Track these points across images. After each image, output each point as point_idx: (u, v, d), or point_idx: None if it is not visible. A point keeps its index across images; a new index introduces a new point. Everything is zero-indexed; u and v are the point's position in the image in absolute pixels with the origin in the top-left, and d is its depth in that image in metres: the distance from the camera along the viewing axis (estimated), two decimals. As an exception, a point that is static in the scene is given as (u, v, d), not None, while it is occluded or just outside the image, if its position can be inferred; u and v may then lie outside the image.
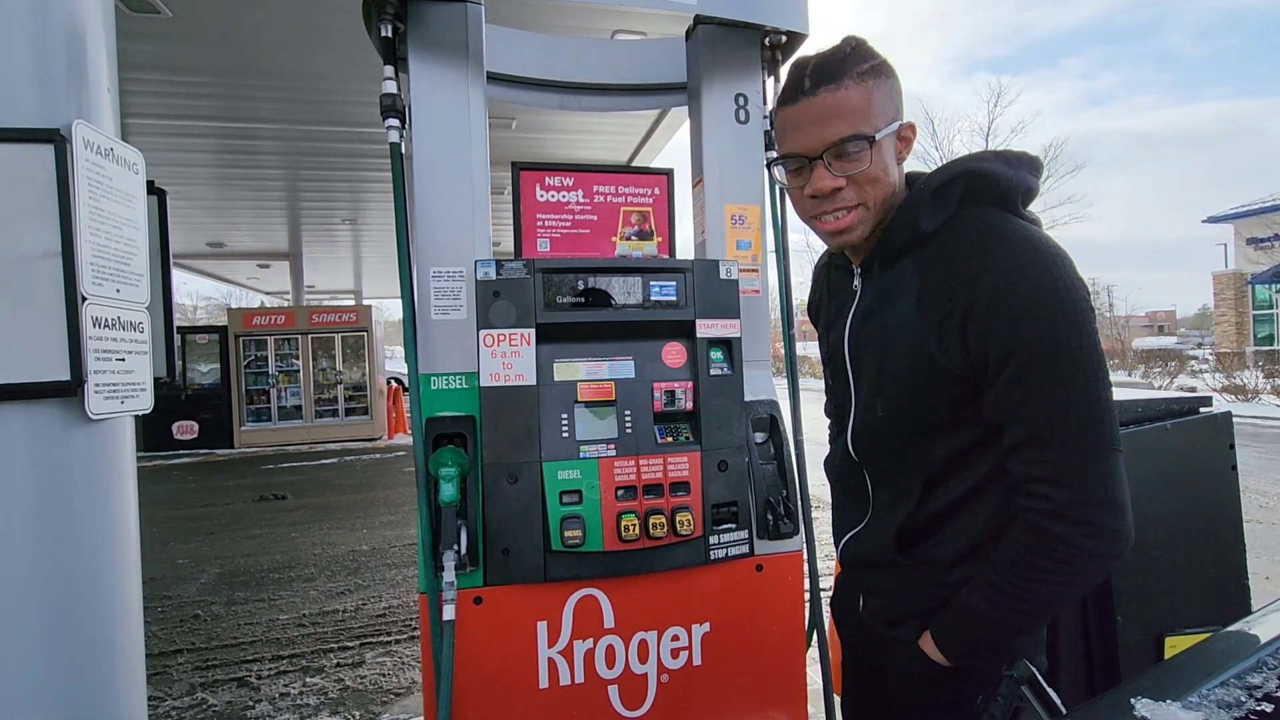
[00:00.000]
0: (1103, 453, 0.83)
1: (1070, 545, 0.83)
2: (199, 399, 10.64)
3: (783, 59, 1.82)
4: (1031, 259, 0.83)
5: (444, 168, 1.59)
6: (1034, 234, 0.87)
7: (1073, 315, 0.81)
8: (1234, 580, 1.73)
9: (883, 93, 0.90)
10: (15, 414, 1.02)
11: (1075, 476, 0.83)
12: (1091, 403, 0.82)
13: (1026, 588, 0.86)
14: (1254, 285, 19.41)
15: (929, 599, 0.98)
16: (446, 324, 1.59)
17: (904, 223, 0.92)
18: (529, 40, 1.92)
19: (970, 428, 0.91)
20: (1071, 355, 0.81)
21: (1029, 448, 0.85)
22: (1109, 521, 0.83)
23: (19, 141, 1.02)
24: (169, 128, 5.75)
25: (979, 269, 0.84)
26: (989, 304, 0.82)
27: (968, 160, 0.91)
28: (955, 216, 0.90)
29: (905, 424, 0.95)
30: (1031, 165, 0.93)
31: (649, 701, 1.58)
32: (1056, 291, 0.82)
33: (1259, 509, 5.25)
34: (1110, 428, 0.84)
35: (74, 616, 1.08)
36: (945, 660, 0.96)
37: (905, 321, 0.91)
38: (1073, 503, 0.83)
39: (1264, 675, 0.65)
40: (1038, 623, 0.92)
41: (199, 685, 2.87)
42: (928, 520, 0.97)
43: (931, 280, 0.89)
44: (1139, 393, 2.11)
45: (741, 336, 1.65)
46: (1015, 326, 0.81)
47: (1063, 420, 0.82)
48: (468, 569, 1.44)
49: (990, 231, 0.87)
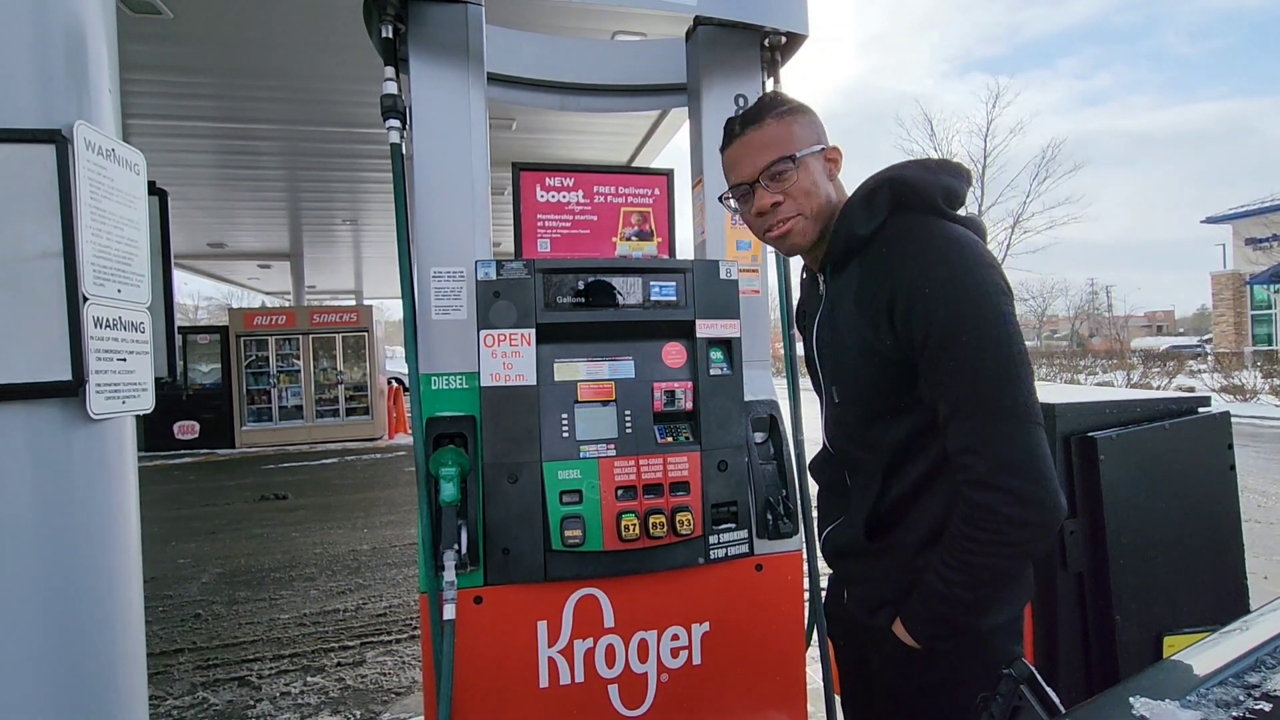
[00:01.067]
0: (1017, 422, 0.88)
1: (993, 513, 0.88)
2: (200, 399, 10.64)
3: (782, 60, 1.82)
4: (944, 252, 0.93)
5: (444, 168, 1.60)
6: (950, 231, 0.96)
7: (981, 299, 0.90)
8: (1232, 579, 1.73)
9: (801, 125, 1.07)
10: (16, 414, 1.02)
11: (990, 444, 0.88)
12: (1003, 378, 0.89)
13: (965, 560, 0.91)
14: (1252, 285, 19.41)
15: (901, 584, 1.02)
16: (447, 324, 1.59)
17: (842, 229, 1.04)
18: (529, 41, 1.92)
19: (915, 413, 0.99)
20: (981, 335, 0.89)
21: (952, 422, 0.92)
22: (1027, 488, 0.87)
23: (20, 142, 1.02)
24: (170, 128, 5.75)
25: (899, 264, 0.95)
26: (908, 294, 0.92)
27: (890, 169, 1.02)
28: (886, 222, 1.00)
29: (859, 410, 1.05)
30: (953, 171, 1.02)
31: (649, 701, 1.58)
32: (965, 279, 0.90)
33: (1257, 508, 5.25)
34: (1023, 400, 0.89)
35: (75, 616, 1.08)
36: (916, 643, 1.00)
37: (850, 317, 1.02)
38: (991, 470, 0.88)
39: (1262, 674, 0.65)
40: (987, 598, 0.94)
41: (200, 684, 2.88)
42: (893, 506, 1.03)
43: (866, 279, 1.00)
44: (1138, 393, 2.12)
45: (741, 336, 1.65)
46: (930, 312, 0.90)
47: (976, 394, 0.89)
48: (468, 568, 1.45)
49: (911, 232, 0.97)
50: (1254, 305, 20.40)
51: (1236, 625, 0.81)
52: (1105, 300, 39.03)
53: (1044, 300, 33.88)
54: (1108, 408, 1.69)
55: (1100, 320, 37.68)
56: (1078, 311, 37.89)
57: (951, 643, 0.99)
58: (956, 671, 1.01)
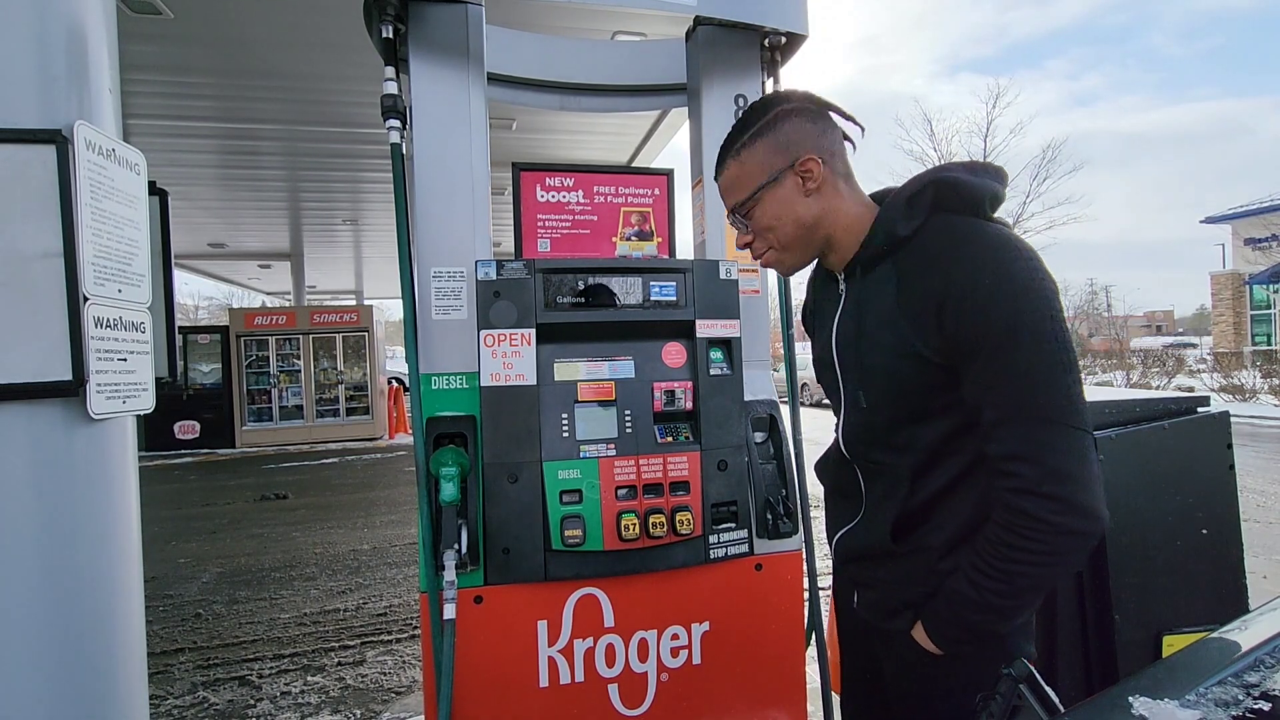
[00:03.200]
0: (1068, 430, 0.86)
1: (1041, 521, 0.86)
2: (200, 399, 10.65)
3: (782, 60, 1.82)
4: (999, 255, 0.90)
5: (445, 168, 1.60)
6: (1002, 233, 0.94)
7: (1036, 304, 0.87)
8: (1231, 579, 1.73)
9: (757, 156, 1.04)
10: (17, 414, 1.02)
11: (1041, 452, 0.86)
12: (1055, 384, 0.87)
13: (1005, 568, 0.89)
14: (1251, 285, 19.40)
15: (923, 588, 1.00)
16: (447, 324, 1.59)
17: (882, 229, 1.00)
18: (529, 41, 1.93)
19: (951, 415, 0.96)
20: (1035, 340, 0.86)
21: (1000, 428, 0.89)
22: (1078, 497, 0.85)
23: (21, 142, 1.02)
24: (170, 128, 5.75)
25: (951, 266, 0.91)
26: (960, 295, 0.89)
27: (937, 170, 0.99)
28: (928, 223, 0.97)
29: (889, 413, 1.01)
30: (996, 174, 1.00)
31: (649, 700, 1.58)
32: (1020, 283, 0.88)
33: (1256, 508, 5.25)
34: (1075, 408, 0.87)
35: (75, 615, 1.09)
36: (937, 649, 0.99)
37: (885, 317, 0.98)
38: (1041, 479, 0.86)
39: (1261, 673, 0.65)
40: (1020, 606, 0.92)
41: (200, 684, 2.88)
42: (919, 508, 1.01)
43: (909, 279, 0.96)
44: (1137, 393, 2.12)
45: (741, 336, 1.65)
46: (984, 314, 0.88)
47: (1029, 401, 0.87)
48: (468, 568, 1.45)
49: (960, 233, 0.94)
50: (1253, 305, 20.39)
51: (1235, 625, 0.81)
52: (1104, 300, 39.03)
53: (1044, 300, 33.80)
54: (1107, 408, 1.69)
55: (1100, 320, 37.67)
56: (1077, 311, 37.88)
57: (972, 648, 0.97)
58: (973, 675, 0.99)
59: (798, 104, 1.04)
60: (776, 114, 1.03)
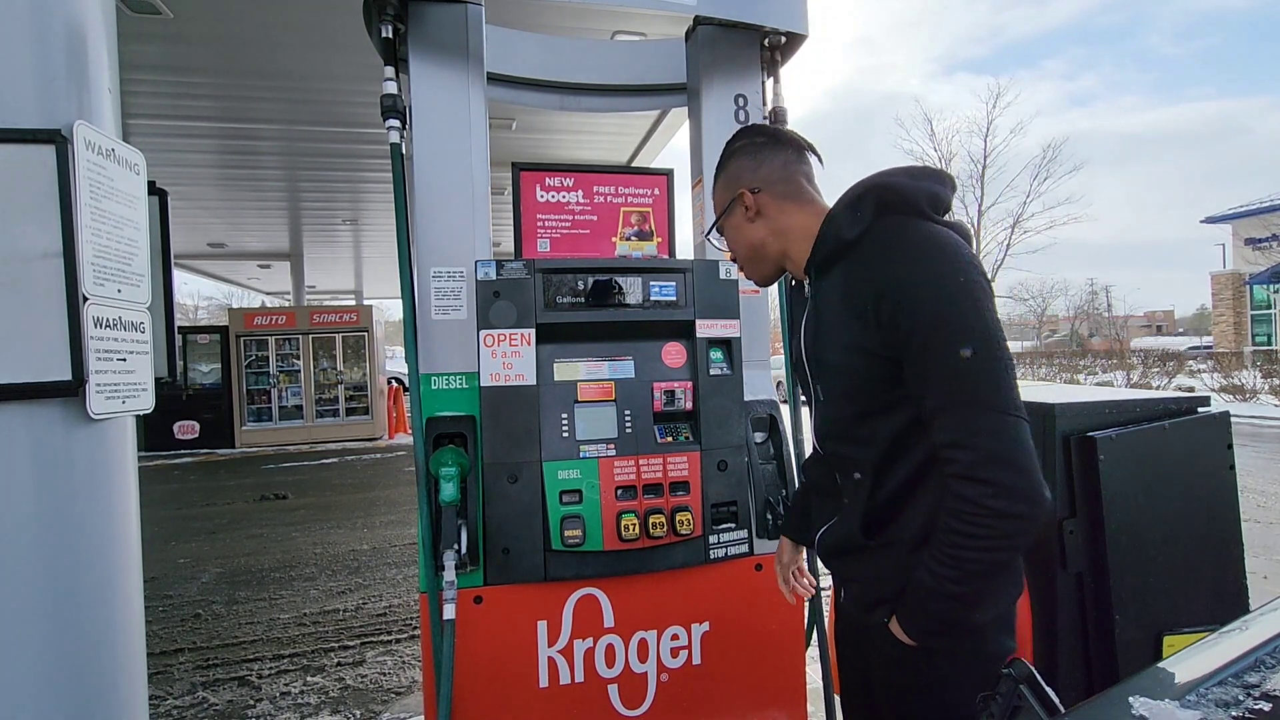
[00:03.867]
0: (999, 416, 0.90)
1: (980, 506, 0.89)
2: (200, 399, 10.63)
3: (782, 60, 1.82)
4: (928, 252, 0.96)
5: (444, 168, 1.60)
6: (935, 232, 0.99)
7: (963, 296, 0.93)
8: (1232, 579, 1.73)
9: (718, 191, 1.20)
10: (17, 414, 1.02)
11: (975, 438, 0.90)
12: (985, 372, 0.91)
13: (954, 554, 0.92)
14: (1252, 285, 19.40)
15: (897, 582, 1.03)
16: (447, 324, 1.59)
17: (828, 234, 1.07)
18: (529, 41, 1.93)
19: (906, 408, 1.00)
20: (963, 330, 0.91)
21: (938, 416, 0.94)
22: (1010, 479, 0.88)
23: (20, 142, 1.02)
24: (170, 128, 5.75)
25: (885, 264, 0.98)
26: (892, 291, 0.95)
27: (876, 176, 1.05)
28: (872, 226, 1.03)
29: (849, 408, 1.07)
30: (936, 177, 1.06)
31: (649, 700, 1.58)
32: (947, 277, 0.94)
33: (1257, 508, 5.25)
34: (1005, 395, 0.91)
35: (75, 615, 1.09)
36: (910, 641, 1.01)
37: (837, 316, 1.05)
38: (975, 463, 0.90)
39: (1261, 674, 0.65)
40: (977, 592, 0.94)
41: (200, 684, 2.88)
42: (887, 502, 1.05)
43: (852, 278, 1.03)
44: (1137, 393, 2.12)
45: (741, 336, 1.65)
46: (914, 308, 0.93)
47: (959, 388, 0.92)
48: (468, 568, 1.45)
49: (896, 233, 1.00)
50: (1254, 305, 20.39)
51: (1236, 625, 0.81)
52: (1105, 300, 39.01)
53: (1044, 300, 33.87)
54: (1107, 408, 1.69)
55: (1100, 320, 37.66)
56: (1077, 311, 37.86)
57: (946, 640, 1.00)
58: (951, 668, 1.02)
59: (743, 142, 1.18)
60: (727, 154, 1.20)
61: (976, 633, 1.01)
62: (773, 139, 1.16)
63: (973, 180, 23.26)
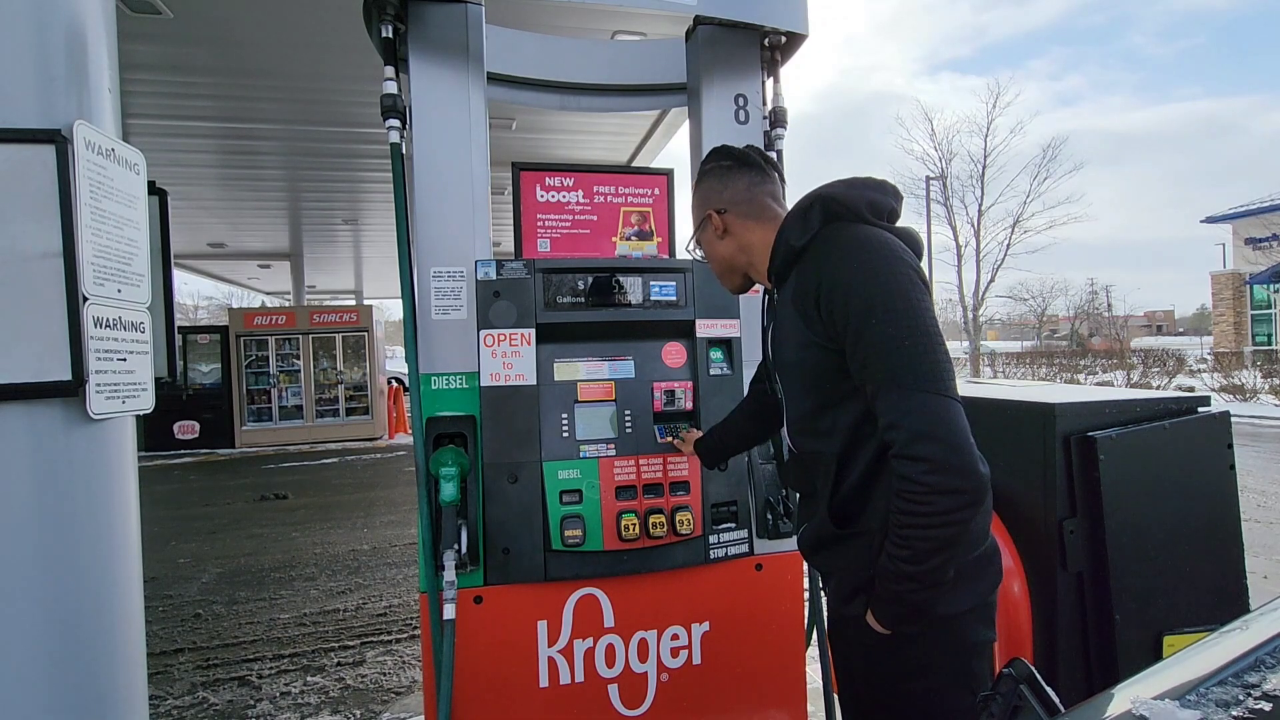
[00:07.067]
0: (930, 397, 0.94)
1: (916, 483, 0.92)
2: (200, 399, 10.63)
3: (782, 60, 1.82)
4: (860, 249, 1.03)
5: (444, 168, 1.59)
6: (869, 233, 1.06)
7: (889, 285, 0.99)
8: (1232, 579, 1.73)
9: (692, 211, 1.30)
10: (17, 414, 1.02)
11: (908, 418, 0.94)
12: (914, 354, 0.96)
13: (903, 534, 0.96)
14: (1252, 285, 19.40)
15: (870, 570, 1.05)
16: (447, 324, 1.59)
17: (780, 244, 1.14)
18: (529, 41, 1.92)
19: (859, 399, 1.04)
20: (890, 317, 0.97)
21: (876, 400, 0.98)
22: (942, 455, 0.92)
23: (20, 142, 1.02)
24: (170, 128, 5.74)
25: (823, 263, 1.05)
26: (829, 287, 1.02)
27: (820, 189, 1.12)
28: (819, 233, 1.10)
29: (808, 401, 1.12)
30: (877, 186, 1.13)
31: (649, 700, 1.58)
32: (875, 270, 1.00)
33: (1257, 508, 5.25)
34: (935, 375, 0.95)
35: (75, 615, 1.09)
36: (882, 629, 1.04)
37: (789, 317, 1.12)
38: (908, 440, 0.93)
39: (1262, 674, 0.65)
40: (932, 570, 0.96)
41: (200, 684, 2.88)
42: (853, 492, 1.08)
43: (800, 280, 1.10)
44: (1137, 392, 2.12)
45: (741, 336, 1.65)
46: (847, 301, 1.00)
47: (890, 371, 0.96)
48: (468, 568, 1.45)
49: (834, 236, 1.08)
50: (1254, 305, 20.38)
51: (1236, 625, 0.81)
52: (1105, 300, 38.98)
53: (1044, 300, 33.85)
54: (1107, 407, 1.69)
55: (1100, 320, 37.63)
56: (1077, 311, 37.83)
57: (918, 627, 1.02)
58: (929, 657, 1.04)
59: (711, 165, 1.26)
60: (698, 176, 1.29)
61: (952, 622, 1.03)
62: (739, 162, 1.24)
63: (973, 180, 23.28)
